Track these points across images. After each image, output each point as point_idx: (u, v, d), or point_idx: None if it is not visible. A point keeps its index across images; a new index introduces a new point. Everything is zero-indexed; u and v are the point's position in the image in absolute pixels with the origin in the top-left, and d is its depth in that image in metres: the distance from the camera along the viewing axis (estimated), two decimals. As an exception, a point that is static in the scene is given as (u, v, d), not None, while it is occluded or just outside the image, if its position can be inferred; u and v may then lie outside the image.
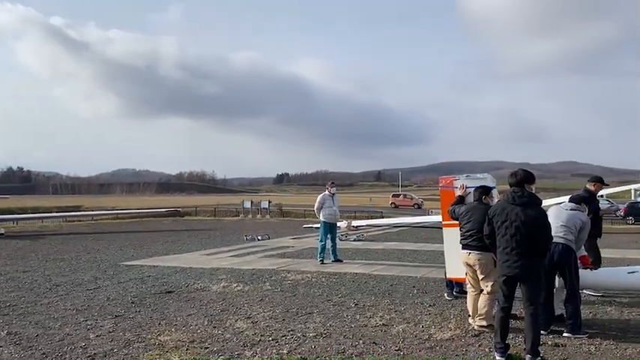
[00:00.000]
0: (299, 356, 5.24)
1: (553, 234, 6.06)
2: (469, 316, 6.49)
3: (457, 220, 6.56)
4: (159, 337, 5.88)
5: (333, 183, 12.81)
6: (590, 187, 8.12)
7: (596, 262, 7.83)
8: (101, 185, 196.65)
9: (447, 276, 7.76)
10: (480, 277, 6.18)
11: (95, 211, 40.56)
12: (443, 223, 7.11)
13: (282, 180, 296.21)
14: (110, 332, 6.13)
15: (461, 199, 6.87)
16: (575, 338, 5.78)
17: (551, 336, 5.86)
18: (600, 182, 8.21)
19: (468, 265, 6.30)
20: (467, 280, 6.50)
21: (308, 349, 5.48)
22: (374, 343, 5.67)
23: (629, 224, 30.21)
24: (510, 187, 5.44)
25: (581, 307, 6.29)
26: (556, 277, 6.26)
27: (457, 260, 6.60)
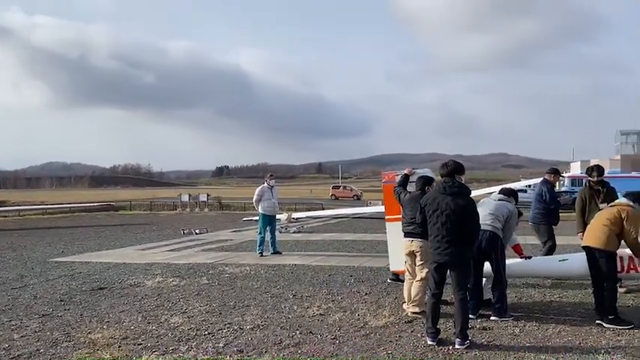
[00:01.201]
0: (235, 349, 5.22)
1: (481, 222, 6.34)
2: (404, 302, 6.67)
3: (400, 203, 6.68)
4: (89, 335, 5.68)
5: (272, 175, 12.77)
6: (549, 177, 8.58)
7: (551, 248, 8.24)
8: (29, 179, 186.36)
9: (391, 269, 7.90)
10: (419, 263, 6.35)
11: (22, 206, 38.49)
12: (386, 217, 7.20)
13: (222, 173, 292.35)
14: (36, 332, 5.86)
15: (406, 178, 6.95)
16: (501, 321, 6.07)
17: (479, 320, 6.13)
18: (557, 173, 8.77)
19: (410, 252, 6.45)
20: (405, 268, 6.66)
21: (245, 341, 5.46)
22: (310, 332, 5.73)
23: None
24: (441, 177, 5.63)
25: (507, 291, 6.61)
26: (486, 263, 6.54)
27: (400, 253, 6.73)
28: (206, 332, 5.79)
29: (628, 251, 6.08)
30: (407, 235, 6.48)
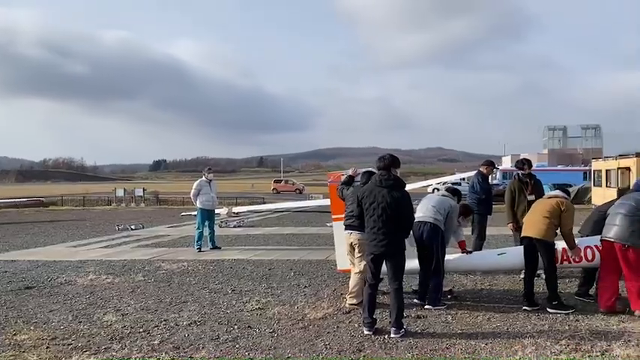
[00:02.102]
0: (171, 346, 5.11)
1: (424, 214, 6.56)
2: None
3: (344, 200, 6.75)
4: (15, 337, 5.40)
5: (210, 169, 12.54)
6: (483, 170, 8.87)
7: (481, 237, 8.53)
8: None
9: (338, 268, 7.92)
10: (357, 255, 6.44)
11: (-59, 202, 35.94)
12: (333, 217, 7.21)
13: (160, 167, 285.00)
14: (-45, 336, 5.51)
15: (350, 179, 7.03)
16: (435, 310, 6.27)
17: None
18: (492, 165, 9.05)
19: (349, 244, 6.53)
20: (349, 259, 6.72)
21: (181, 338, 5.37)
22: (249, 327, 5.70)
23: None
24: (378, 170, 5.73)
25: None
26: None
27: (347, 255, 6.78)
28: (141, 330, 5.64)
29: (562, 244, 6.39)
30: (347, 227, 6.56)
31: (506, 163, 58.04)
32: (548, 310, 6.14)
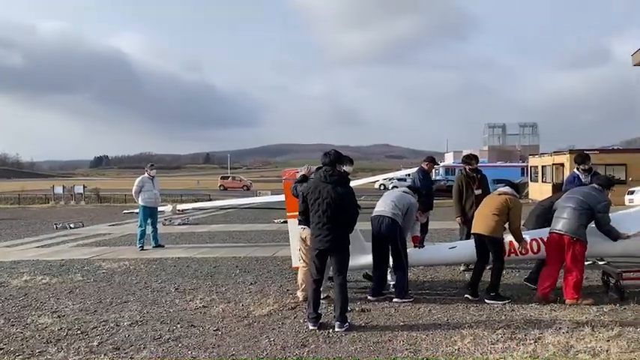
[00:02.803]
0: (111, 347, 4.97)
1: (383, 209, 6.67)
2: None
3: (297, 197, 6.72)
4: (-60, 344, 5.10)
5: (152, 165, 12.23)
6: (424, 166, 9.07)
7: (423, 231, 8.70)
8: None
9: (293, 265, 7.88)
10: (307, 250, 6.43)
11: None
12: (287, 215, 7.17)
13: (101, 163, 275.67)
14: None
15: (304, 178, 7.01)
16: (402, 302, 6.38)
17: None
18: (433, 162, 9.27)
19: (302, 239, 6.52)
20: (300, 255, 6.71)
21: (121, 338, 5.23)
22: (192, 325, 5.62)
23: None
24: (323, 166, 5.76)
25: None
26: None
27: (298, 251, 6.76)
28: (78, 332, 5.45)
29: (510, 237, 6.63)
30: (300, 222, 6.56)
31: (449, 160, 59.70)
32: (486, 300, 6.38)
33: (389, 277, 6.88)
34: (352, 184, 6.51)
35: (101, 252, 11.25)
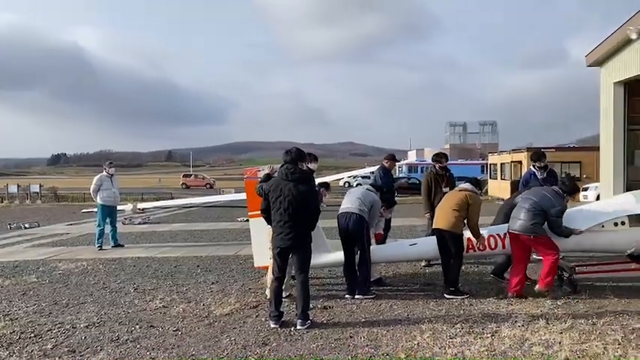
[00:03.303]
0: (66, 349, 4.84)
1: (349, 206, 6.73)
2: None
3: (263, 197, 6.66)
4: None
5: (111, 163, 11.95)
6: (385, 163, 9.13)
7: (386, 228, 8.77)
8: None
9: (255, 265, 7.80)
10: None
11: None
12: (250, 214, 7.10)
13: (59, 161, 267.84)
14: None
15: (268, 177, 6.96)
16: (364, 299, 6.42)
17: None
18: (394, 160, 9.31)
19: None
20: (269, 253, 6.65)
21: (77, 341, 5.10)
22: (151, 326, 5.53)
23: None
24: (285, 164, 5.74)
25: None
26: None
27: (264, 249, 6.70)
28: (32, 334, 5.29)
29: (468, 234, 6.74)
30: (266, 221, 6.51)
31: (412, 157, 60.51)
32: (445, 295, 6.50)
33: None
34: (318, 181, 6.52)
35: (58, 252, 10.93)
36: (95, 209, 12.66)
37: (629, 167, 15.80)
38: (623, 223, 6.63)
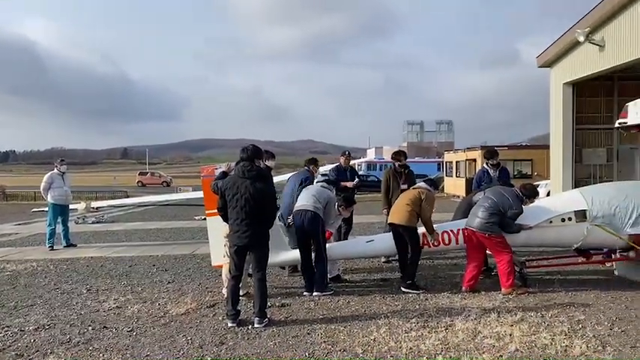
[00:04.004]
0: (14, 353, 4.68)
1: (305, 203, 6.73)
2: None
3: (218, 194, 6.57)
4: None
5: (62, 160, 11.57)
6: (341, 161, 9.20)
7: (347, 224, 8.80)
8: None
9: (212, 264, 7.69)
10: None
11: None
12: (207, 212, 7.00)
13: (7, 158, 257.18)
14: None
15: (224, 175, 6.87)
16: (322, 295, 6.46)
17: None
18: (348, 157, 9.31)
19: (227, 234, 6.38)
20: (226, 251, 6.58)
21: (26, 344, 4.93)
22: (105, 327, 5.40)
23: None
24: (241, 161, 5.70)
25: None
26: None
27: (221, 248, 6.63)
28: (-23, 339, 5.08)
29: (422, 230, 6.88)
30: (223, 219, 6.43)
31: (371, 155, 61.09)
32: (402, 289, 6.61)
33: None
34: (277, 179, 6.50)
35: (6, 253, 10.52)
36: (46, 208, 12.26)
37: (577, 165, 16.46)
38: (570, 219, 6.90)
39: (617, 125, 7.79)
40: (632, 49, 11.90)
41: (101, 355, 4.63)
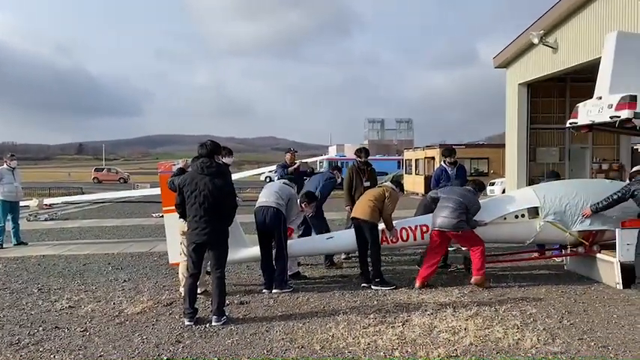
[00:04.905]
0: (-43, 357, 4.48)
1: (267, 200, 6.73)
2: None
3: (175, 191, 6.44)
4: None
5: (12, 155, 11.14)
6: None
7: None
8: None
9: (170, 261, 7.53)
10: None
11: None
12: (164, 209, 6.86)
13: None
14: None
15: (181, 171, 6.74)
16: (282, 292, 6.45)
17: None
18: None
19: (182, 232, 6.28)
20: (182, 249, 6.47)
21: (-30, 347, 4.73)
22: (56, 327, 5.24)
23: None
24: (200, 157, 5.62)
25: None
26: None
27: (179, 245, 6.50)
28: None
29: (381, 226, 6.95)
30: (181, 216, 6.33)
31: (332, 152, 61.31)
32: (372, 287, 6.67)
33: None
34: (238, 175, 6.43)
35: (-50, 252, 10.06)
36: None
37: (531, 163, 16.98)
38: (523, 216, 7.11)
39: (568, 125, 8.06)
40: (584, 51, 12.35)
41: (52, 356, 4.49)
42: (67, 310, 5.90)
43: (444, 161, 8.61)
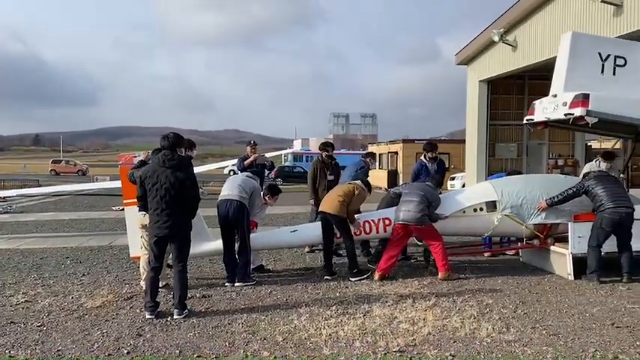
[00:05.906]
0: None
1: (230, 193, 6.71)
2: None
3: (136, 184, 6.34)
4: None
5: (-36, 146, 10.76)
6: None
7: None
8: None
9: (131, 255, 7.40)
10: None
11: None
12: (125, 202, 6.73)
13: None
14: None
15: (142, 163, 6.63)
16: (245, 285, 6.46)
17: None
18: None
19: (142, 225, 6.20)
20: (142, 242, 6.38)
21: None
22: (12, 322, 5.11)
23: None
24: (162, 149, 5.55)
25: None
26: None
27: (139, 239, 6.40)
28: None
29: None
30: (141, 209, 6.24)
31: (297, 146, 61.29)
32: (351, 279, 6.76)
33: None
34: (202, 168, 6.39)
35: None
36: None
37: (490, 159, 17.42)
38: (481, 209, 7.32)
39: (525, 122, 8.31)
40: (541, 50, 12.73)
41: (7, 351, 4.38)
42: (22, 304, 5.75)
43: (425, 156, 8.67)
